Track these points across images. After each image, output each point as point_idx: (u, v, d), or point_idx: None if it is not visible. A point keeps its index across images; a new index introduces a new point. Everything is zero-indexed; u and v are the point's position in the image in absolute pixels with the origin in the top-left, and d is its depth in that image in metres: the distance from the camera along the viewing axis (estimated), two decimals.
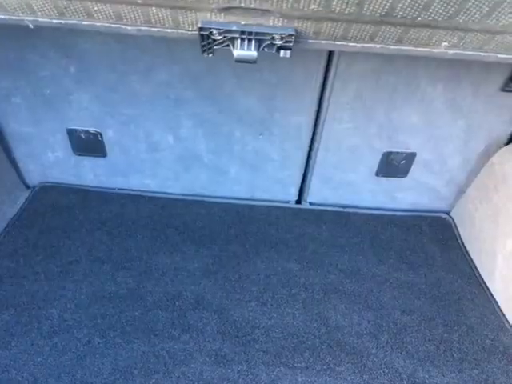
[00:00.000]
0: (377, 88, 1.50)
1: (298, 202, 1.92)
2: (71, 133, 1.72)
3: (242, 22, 0.72)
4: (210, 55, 0.81)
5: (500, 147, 1.63)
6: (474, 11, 0.65)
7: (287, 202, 1.91)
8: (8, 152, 1.77)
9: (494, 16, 0.66)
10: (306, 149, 1.74)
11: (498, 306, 1.50)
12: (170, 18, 0.72)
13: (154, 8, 0.70)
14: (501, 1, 0.62)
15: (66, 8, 0.72)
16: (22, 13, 0.74)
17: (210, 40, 0.76)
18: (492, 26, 0.69)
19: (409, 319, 1.44)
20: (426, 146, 1.70)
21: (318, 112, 1.61)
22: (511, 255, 1.47)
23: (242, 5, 0.67)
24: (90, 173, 1.85)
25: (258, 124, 1.66)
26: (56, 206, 1.81)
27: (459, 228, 1.84)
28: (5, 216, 1.72)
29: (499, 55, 0.80)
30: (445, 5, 0.63)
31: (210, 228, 1.76)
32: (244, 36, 0.74)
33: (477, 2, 0.63)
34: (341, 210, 1.89)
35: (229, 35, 0.75)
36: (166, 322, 1.36)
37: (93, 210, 1.80)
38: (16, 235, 1.65)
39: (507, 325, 1.44)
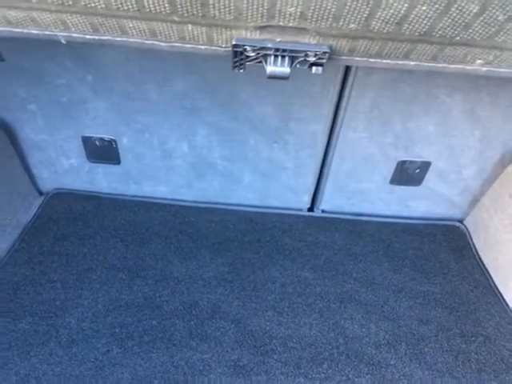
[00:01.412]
0: (394, 97, 1.50)
1: (311, 209, 1.92)
2: (86, 140, 1.73)
3: (277, 40, 0.72)
4: (241, 70, 0.81)
5: None
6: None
7: (300, 209, 1.91)
8: (22, 159, 1.77)
9: None
10: (321, 157, 1.74)
11: None
12: (204, 36, 0.72)
13: (189, 26, 0.70)
14: None
15: (100, 25, 0.72)
16: (56, 28, 0.74)
17: (242, 56, 0.77)
18: None
19: (426, 329, 1.43)
20: (441, 155, 1.70)
21: (334, 121, 1.61)
22: None
23: (281, 23, 0.67)
24: (103, 180, 1.86)
25: (273, 132, 1.66)
26: (70, 213, 1.81)
27: (473, 237, 1.84)
28: (19, 223, 1.72)
29: None
30: (486, 25, 0.64)
31: (224, 235, 1.76)
32: (278, 53, 0.74)
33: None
34: (354, 218, 1.89)
35: (262, 52, 0.75)
36: (183, 332, 1.36)
37: (106, 217, 1.80)
38: (31, 242, 1.66)
39: None
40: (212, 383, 1.22)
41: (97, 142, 1.73)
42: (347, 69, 1.44)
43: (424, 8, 0.61)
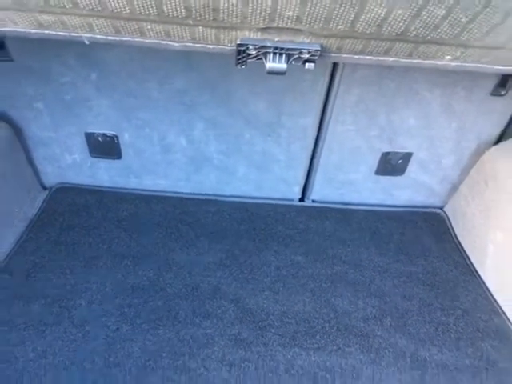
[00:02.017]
0: (379, 93, 1.63)
1: (302, 199, 2.05)
2: (89, 136, 1.82)
3: (276, 39, 0.84)
4: (243, 66, 0.92)
5: (490, 147, 1.77)
6: (476, 31, 0.77)
7: (292, 199, 2.03)
8: (27, 154, 1.86)
9: (491, 35, 0.79)
10: (311, 149, 1.87)
11: (490, 292, 1.64)
12: (213, 36, 0.84)
13: (200, 28, 0.81)
14: (498, 23, 0.75)
15: (122, 27, 0.82)
16: (82, 30, 0.85)
17: (245, 54, 0.88)
18: (490, 42, 0.82)
19: (409, 304, 1.57)
20: (422, 146, 1.84)
21: (323, 115, 1.74)
22: (501, 245, 1.61)
23: (280, 25, 0.79)
24: (105, 174, 1.95)
25: (266, 126, 1.78)
26: (74, 206, 1.90)
27: (452, 222, 1.98)
28: (26, 215, 1.80)
29: (495, 67, 0.93)
30: (451, 26, 0.76)
31: (221, 225, 1.87)
32: (276, 51, 0.86)
33: (478, 24, 0.76)
34: (342, 206, 2.02)
35: (263, 50, 0.86)
36: (187, 310, 1.47)
37: (109, 210, 1.90)
38: (38, 233, 1.74)
39: (498, 308, 1.57)
40: (215, 355, 1.33)
41: (99, 138, 1.83)
42: (334, 66, 1.57)
43: (400, 12, 0.73)
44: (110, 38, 0.87)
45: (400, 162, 1.89)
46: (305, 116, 1.73)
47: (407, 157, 1.88)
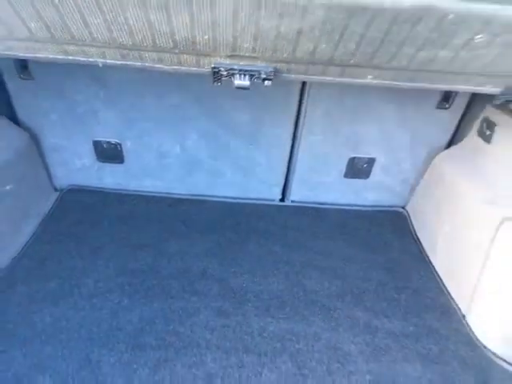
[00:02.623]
0: (342, 107, 1.94)
1: (282, 200, 2.33)
2: (96, 144, 2.12)
3: (241, 63, 1.13)
4: (219, 84, 1.22)
5: (439, 153, 2.07)
6: (382, 57, 1.06)
7: (272, 200, 2.32)
8: (42, 159, 2.15)
9: (396, 59, 1.09)
10: (287, 156, 2.16)
11: (439, 276, 1.91)
12: (194, 61, 1.13)
13: (184, 55, 1.11)
14: (396, 51, 1.05)
15: (127, 54, 1.12)
16: (97, 57, 1.15)
17: (219, 75, 1.17)
18: (396, 65, 1.11)
19: (367, 285, 1.84)
20: (382, 152, 2.14)
21: (296, 126, 2.04)
22: (448, 236, 1.89)
23: (241, 54, 1.08)
24: (109, 177, 2.24)
25: (249, 136, 2.08)
26: (81, 205, 2.18)
27: (412, 220, 2.26)
28: (40, 213, 2.08)
29: (408, 84, 1.22)
30: (363, 54, 1.05)
31: (210, 221, 2.15)
32: (241, 72, 1.15)
33: (382, 53, 1.05)
34: (317, 206, 2.30)
35: (231, 71, 1.16)
36: (178, 289, 1.73)
37: (112, 208, 2.18)
38: (51, 227, 2.02)
39: (444, 289, 1.84)
40: (201, 322, 1.60)
41: (105, 145, 2.12)
42: (303, 86, 1.88)
43: (323, 45, 1.02)
44: (117, 62, 1.16)
45: (365, 166, 2.19)
46: (281, 127, 2.04)
47: (371, 162, 2.17)
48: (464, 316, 1.70)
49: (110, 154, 2.15)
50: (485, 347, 1.58)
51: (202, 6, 0.92)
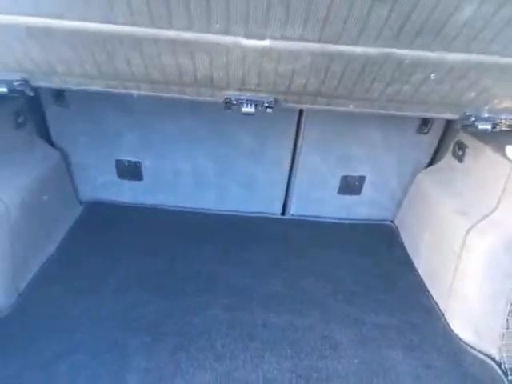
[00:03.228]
0: (334, 131, 2.23)
1: (282, 213, 2.60)
2: (118, 162, 2.40)
3: (248, 94, 1.42)
4: (229, 111, 1.50)
5: (420, 171, 2.34)
6: (360, 90, 1.35)
7: (274, 213, 2.58)
8: (70, 176, 2.43)
9: (370, 92, 1.37)
10: (287, 174, 2.43)
11: (422, 279, 2.14)
12: (210, 93, 1.42)
13: (203, 88, 1.40)
14: (370, 86, 1.33)
15: (157, 88, 1.41)
16: (134, 89, 1.44)
17: (230, 103, 1.46)
18: (370, 97, 1.39)
19: (358, 287, 2.07)
20: (372, 171, 2.41)
21: (295, 148, 2.32)
22: (427, 242, 2.14)
23: (249, 87, 1.37)
24: (128, 192, 2.51)
25: (253, 156, 2.36)
26: (103, 217, 2.45)
27: (400, 232, 2.51)
28: (67, 223, 2.35)
29: (381, 111, 1.50)
30: (344, 88, 1.33)
31: (218, 231, 2.41)
32: (248, 101, 1.44)
33: (359, 87, 1.34)
34: (314, 219, 2.56)
35: (240, 101, 1.44)
36: (191, 288, 1.98)
37: (131, 220, 2.44)
38: (77, 236, 2.28)
39: (426, 291, 2.08)
40: (211, 315, 1.83)
41: (126, 164, 2.41)
42: (300, 113, 2.17)
43: (312, 81, 1.31)
44: (149, 93, 1.45)
45: (356, 183, 2.46)
46: (281, 148, 2.32)
47: (362, 179, 2.44)
48: (443, 314, 1.94)
49: (130, 171, 2.43)
50: (459, 338, 1.81)
51: (219, 53, 1.21)
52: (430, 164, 2.37)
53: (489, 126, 1.50)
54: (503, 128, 1.56)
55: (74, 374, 1.54)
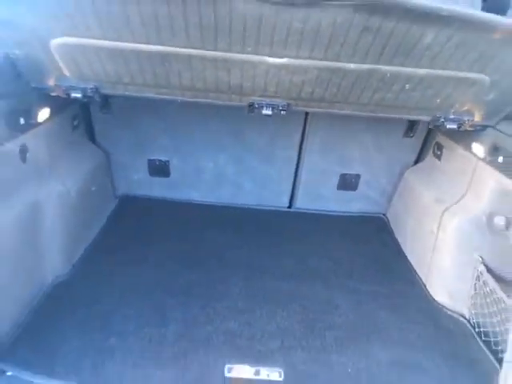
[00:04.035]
0: (333, 135, 2.65)
1: (289, 207, 3.00)
2: (150, 162, 2.82)
3: (267, 100, 1.84)
4: (252, 114, 1.92)
5: (407, 169, 2.76)
6: (354, 96, 1.78)
7: (282, 206, 2.99)
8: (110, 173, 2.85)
9: (361, 98, 1.79)
10: (294, 172, 2.85)
11: (409, 261, 2.53)
12: (238, 99, 1.84)
13: (233, 95, 1.82)
14: (361, 93, 1.76)
15: (198, 95, 1.83)
16: (180, 96, 1.86)
17: (252, 107, 1.89)
18: (362, 102, 1.82)
19: (354, 266, 2.45)
20: (366, 170, 2.83)
21: (300, 150, 2.74)
22: (412, 227, 2.54)
23: (268, 94, 1.80)
24: (158, 188, 2.92)
25: (265, 156, 2.78)
26: (136, 209, 2.84)
27: (391, 224, 2.90)
28: (105, 213, 2.74)
29: (372, 114, 1.91)
30: (342, 94, 1.76)
31: (234, 222, 2.80)
32: (267, 105, 1.86)
33: (353, 94, 1.76)
34: (316, 212, 2.96)
35: (261, 105, 1.86)
36: (214, 265, 2.34)
37: (160, 213, 2.82)
38: (116, 223, 2.68)
39: (412, 268, 2.46)
40: (232, 284, 2.21)
41: (157, 163, 2.82)
42: (306, 117, 2.59)
43: (318, 90, 1.74)
44: (190, 100, 1.87)
45: (353, 180, 2.87)
46: (289, 149, 2.74)
47: (357, 177, 2.86)
48: (425, 285, 2.32)
49: (159, 169, 2.85)
50: (436, 301, 2.19)
51: (248, 68, 1.64)
52: (416, 163, 2.79)
53: (455, 126, 1.92)
54: (467, 128, 1.98)
55: (125, 322, 1.91)
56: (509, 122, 1.88)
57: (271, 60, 1.59)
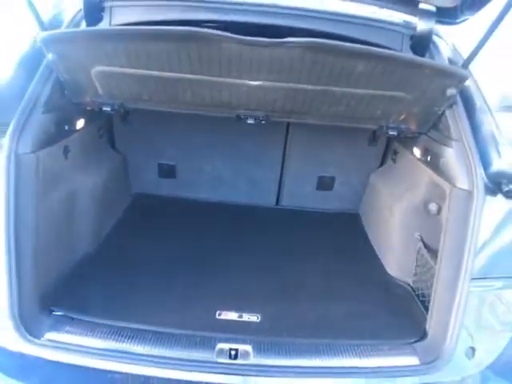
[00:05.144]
0: (311, 142, 3.24)
1: (276, 204, 3.56)
2: (160, 165, 3.41)
3: (249, 112, 2.44)
4: (239, 123, 2.50)
5: (373, 172, 3.33)
6: (316, 109, 2.35)
7: (270, 204, 3.55)
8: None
9: (321, 111, 2.38)
10: (279, 175, 3.43)
11: (373, 249, 3.05)
12: (228, 111, 2.44)
13: (225, 108, 2.42)
14: (319, 107, 2.35)
15: (198, 108, 2.44)
16: (197, 111, 2.47)
17: (240, 117, 2.47)
18: (321, 114, 2.41)
19: (327, 251, 2.97)
20: (340, 173, 3.40)
21: (284, 155, 3.33)
22: (374, 218, 3.09)
23: (250, 107, 2.40)
24: (166, 188, 3.50)
25: (255, 161, 3.36)
26: (147, 207, 3.41)
27: (362, 219, 3.44)
28: (122, 208, 3.31)
29: (330, 123, 2.48)
30: (305, 108, 2.34)
31: (230, 216, 3.34)
32: (250, 116, 2.45)
33: (315, 107, 2.34)
34: (299, 208, 3.52)
35: (245, 116, 2.45)
36: (216, 246, 2.91)
37: (167, 208, 3.39)
38: (130, 216, 3.25)
39: (375, 254, 2.96)
40: (231, 260, 2.77)
41: (165, 166, 3.41)
42: (287, 131, 3.18)
43: (286, 104, 2.33)
44: (194, 112, 2.47)
45: (329, 182, 3.44)
46: (274, 156, 3.33)
47: (333, 179, 3.43)
48: (382, 264, 2.85)
49: (167, 172, 3.44)
50: (389, 274, 2.72)
51: (234, 88, 2.23)
52: (380, 166, 3.36)
53: (395, 133, 2.49)
54: (408, 135, 2.56)
55: (143, 278, 2.44)
56: (435, 130, 2.44)
57: (251, 82, 2.18)
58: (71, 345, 1.91)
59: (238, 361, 1.91)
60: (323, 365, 1.94)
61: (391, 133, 2.49)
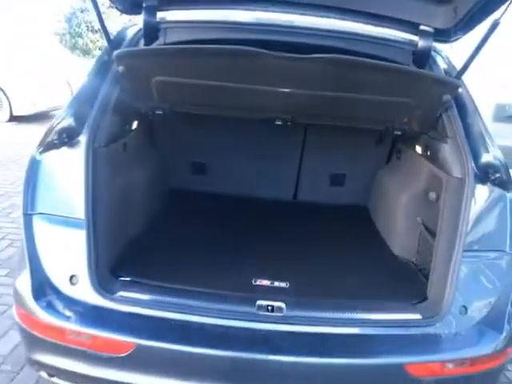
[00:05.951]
0: (325, 142, 3.71)
1: (294, 198, 4.03)
2: (193, 163, 3.89)
3: (277, 115, 2.92)
4: (269, 123, 2.98)
5: (381, 168, 3.79)
6: (330, 113, 2.83)
7: (288, 198, 4.01)
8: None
9: (337, 114, 2.84)
10: (297, 172, 3.90)
11: (381, 235, 3.50)
12: (259, 114, 2.92)
13: (257, 112, 2.90)
14: (330, 111, 2.81)
15: (236, 112, 2.92)
16: (224, 113, 2.94)
17: (268, 119, 2.95)
18: (335, 116, 2.87)
19: (340, 236, 3.43)
20: (350, 169, 3.86)
21: (302, 154, 3.80)
22: (382, 207, 3.54)
23: (278, 110, 2.89)
24: (198, 183, 3.97)
25: (277, 159, 3.84)
26: (183, 200, 3.87)
27: (371, 212, 3.90)
28: (162, 200, 3.78)
29: (344, 124, 2.95)
30: (322, 112, 2.83)
31: (251, 209, 3.79)
32: (278, 118, 2.95)
33: (326, 112, 2.84)
34: (314, 202, 3.98)
35: (274, 117, 2.94)
36: (241, 234, 3.37)
37: (199, 201, 3.85)
38: (169, 207, 3.71)
39: (383, 239, 3.42)
40: (248, 242, 3.22)
41: (197, 164, 3.89)
42: (305, 133, 3.66)
43: (308, 108, 2.80)
44: (231, 115, 2.95)
45: (341, 178, 3.91)
46: (293, 155, 3.80)
47: (343, 176, 3.89)
48: (388, 246, 3.30)
49: (199, 169, 3.92)
50: (394, 253, 3.16)
51: (266, 95, 2.72)
52: (386, 163, 3.83)
53: (400, 132, 2.96)
54: (411, 134, 3.03)
55: (186, 252, 2.89)
56: (433, 129, 2.91)
57: (280, 90, 2.66)
58: (138, 299, 2.36)
59: (275, 314, 2.35)
60: (343, 317, 2.38)
61: (396, 133, 2.97)
